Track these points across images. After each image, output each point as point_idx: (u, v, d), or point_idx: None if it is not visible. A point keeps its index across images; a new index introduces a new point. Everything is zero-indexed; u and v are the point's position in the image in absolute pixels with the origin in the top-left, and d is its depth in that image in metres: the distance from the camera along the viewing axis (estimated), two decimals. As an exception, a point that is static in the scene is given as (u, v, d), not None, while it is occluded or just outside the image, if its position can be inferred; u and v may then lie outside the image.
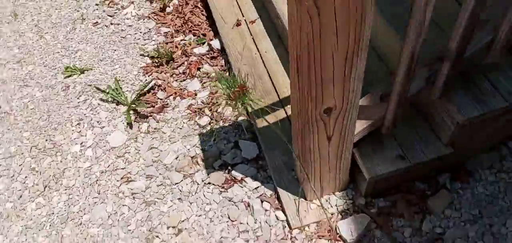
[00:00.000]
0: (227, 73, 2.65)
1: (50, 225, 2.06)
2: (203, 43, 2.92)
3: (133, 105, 2.49)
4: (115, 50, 2.92)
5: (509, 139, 2.05)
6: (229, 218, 1.95)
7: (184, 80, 2.67)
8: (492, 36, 1.81)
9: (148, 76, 2.72)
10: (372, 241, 1.81)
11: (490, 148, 2.03)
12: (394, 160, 1.87)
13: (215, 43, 2.87)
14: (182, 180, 2.12)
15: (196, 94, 2.56)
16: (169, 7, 3.25)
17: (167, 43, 2.94)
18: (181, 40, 2.97)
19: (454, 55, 1.66)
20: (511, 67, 1.85)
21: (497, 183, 1.93)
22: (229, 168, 2.14)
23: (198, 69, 2.75)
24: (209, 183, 2.09)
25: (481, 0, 1.47)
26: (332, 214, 1.88)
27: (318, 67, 1.34)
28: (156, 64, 2.80)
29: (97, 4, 3.31)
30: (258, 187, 2.04)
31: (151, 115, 2.46)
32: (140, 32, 3.04)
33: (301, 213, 1.91)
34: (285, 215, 1.93)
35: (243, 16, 2.93)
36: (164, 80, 2.68)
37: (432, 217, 1.85)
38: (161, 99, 2.56)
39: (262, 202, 1.98)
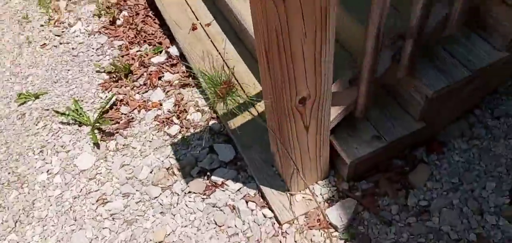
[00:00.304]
0: (190, 79, 2.62)
1: (25, 262, 1.96)
2: (160, 52, 2.88)
3: (97, 124, 2.42)
4: (68, 70, 2.82)
5: (475, 107, 2.17)
6: (216, 224, 1.94)
7: (146, 91, 2.62)
8: (448, 10, 1.91)
9: (108, 92, 2.65)
10: (361, 223, 1.86)
11: (458, 117, 2.13)
12: (371, 141, 1.93)
13: (173, 50, 2.84)
14: (161, 193, 2.08)
15: (161, 104, 2.52)
16: (119, 19, 3.18)
17: (122, 56, 2.88)
18: (137, 51, 2.91)
19: (416, 31, 1.74)
20: (467, 38, 1.96)
21: (470, 149, 2.03)
22: (208, 173, 2.13)
23: (159, 78, 2.71)
24: (189, 192, 2.07)
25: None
26: (319, 203, 1.91)
27: (289, 59, 1.36)
28: (114, 79, 2.73)
29: (42, 25, 3.18)
30: (241, 188, 2.04)
31: (117, 132, 2.40)
32: (93, 48, 2.95)
33: (287, 207, 1.93)
34: (272, 211, 1.94)
35: (197, 20, 2.92)
36: (126, 94, 2.62)
37: (415, 191, 1.93)
38: (125, 114, 2.50)
39: (247, 202, 1.99)
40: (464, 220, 1.81)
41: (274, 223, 1.92)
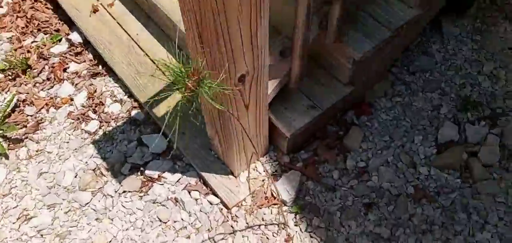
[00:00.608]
0: (100, 67, 2.42)
1: None
2: (60, 40, 2.63)
3: (0, 132, 2.13)
4: (-51, 73, 2.44)
5: (392, 66, 2.31)
6: (160, 220, 1.86)
7: (51, 87, 2.39)
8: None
9: (6, 93, 2.35)
10: (307, 193, 1.91)
11: (379, 78, 2.24)
12: (306, 111, 1.97)
13: (75, 37, 2.60)
14: (92, 198, 1.94)
15: (72, 99, 2.32)
16: (2, 7, 2.81)
17: (16, 50, 2.57)
18: (32, 42, 2.62)
19: (343, -6, 1.77)
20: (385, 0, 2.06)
21: (395, 107, 2.18)
22: (141, 168, 2.03)
23: (65, 70, 2.47)
24: (124, 192, 1.95)
25: None
26: (263, 181, 1.91)
27: (226, 36, 1.34)
28: (10, 77, 2.44)
29: None
30: (180, 178, 1.98)
31: (26, 137, 2.16)
32: (-25, 45, 2.59)
33: (233, 190, 1.90)
34: (218, 197, 1.92)
35: (97, 0, 2.68)
36: (28, 93, 2.35)
37: (352, 154, 2.03)
38: (31, 115, 2.26)
39: (189, 192, 1.94)
40: (401, 175, 1.95)
41: (222, 209, 1.89)
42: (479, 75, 2.26)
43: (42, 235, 1.85)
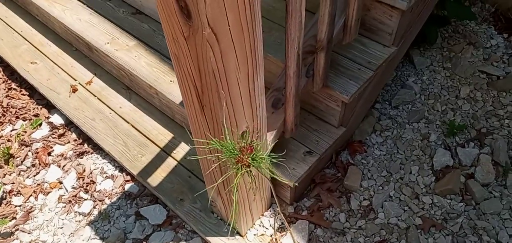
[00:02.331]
0: (86, 145, 2.29)
1: None
2: (40, 125, 2.49)
3: (-12, 228, 1.95)
4: None
5: (375, 103, 2.30)
6: None
7: (37, 173, 2.23)
8: (344, 18, 1.98)
9: (-11, 186, 2.18)
10: (317, 241, 1.81)
11: (365, 116, 2.22)
12: (304, 158, 1.91)
13: (56, 119, 2.48)
14: (96, 283, 1.75)
15: (61, 182, 2.17)
16: (-24, 99, 2.66)
17: (-5, 141, 2.40)
18: (12, 130, 2.47)
19: (326, 43, 1.76)
20: (360, 43, 2.07)
21: (386, 141, 2.14)
22: None
23: (49, 154, 2.32)
24: (129, 270, 1.78)
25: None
26: (271, 236, 1.80)
27: (227, 95, 1.27)
28: (-7, 170, 2.26)
29: None
30: (185, 246, 1.82)
31: (17, 229, 1.98)
32: (-48, 141, 2.41)
33: (242, 250, 1.79)
34: (227, 260, 1.76)
35: (75, 80, 2.59)
36: (14, 183, 2.19)
37: (355, 194, 1.96)
38: (19, 205, 2.08)
39: (197, 260, 1.78)
40: (406, 207, 1.89)
41: (233, 272, 1.75)
42: (457, 99, 2.27)
43: None
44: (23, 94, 2.73)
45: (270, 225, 1.86)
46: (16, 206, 2.10)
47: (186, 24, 1.05)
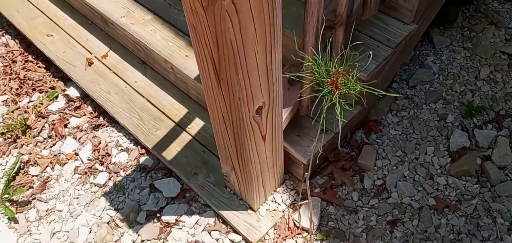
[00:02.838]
0: (102, 119, 2.32)
1: None
2: (57, 97, 2.53)
3: (6, 196, 2.02)
4: None
5: (392, 82, 2.29)
6: (184, 266, 1.72)
7: (54, 144, 2.27)
8: (364, -6, 1.96)
9: (8, 156, 2.23)
10: (330, 218, 1.83)
11: (381, 95, 2.20)
12: (319, 136, 1.90)
13: (72, 92, 2.51)
14: (110, 252, 1.79)
15: (77, 154, 2.21)
16: (-6, 71, 2.70)
17: (12, 112, 2.45)
18: (29, 102, 2.51)
19: (345, 18, 1.75)
20: (380, 20, 2.05)
21: (402, 121, 2.13)
22: (158, 215, 1.91)
23: (65, 126, 2.37)
24: (142, 241, 1.83)
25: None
26: (283, 212, 1.82)
27: (245, 68, 1.28)
28: (11, 140, 2.31)
29: None
30: (198, 220, 1.87)
31: (34, 198, 2.04)
32: (-29, 112, 2.46)
33: (255, 225, 1.81)
34: (240, 234, 1.81)
35: (91, 53, 2.61)
36: (31, 153, 2.24)
37: (368, 173, 1.96)
38: (37, 175, 2.13)
39: (209, 233, 1.83)
40: (420, 188, 1.89)
41: (245, 245, 1.78)
42: (477, 80, 2.24)
43: None
44: (39, 66, 2.77)
45: (283, 201, 1.88)
46: (33, 176, 2.15)
47: (205, -6, 1.06)
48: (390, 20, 2.04)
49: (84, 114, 2.43)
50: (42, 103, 2.52)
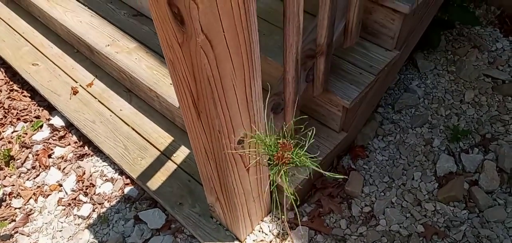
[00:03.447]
0: (87, 148, 2.27)
1: None
2: (41, 127, 2.47)
3: (-13, 231, 1.95)
4: None
5: (377, 107, 2.27)
6: None
7: (37, 175, 2.22)
8: (345, 21, 1.95)
9: (-11, 188, 2.17)
10: (318, 248, 1.78)
11: (367, 120, 2.19)
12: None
13: (57, 121, 2.47)
14: (93, 288, 1.73)
15: (61, 185, 2.15)
16: (-22, 101, 2.66)
17: (-4, 143, 2.40)
18: (13, 132, 2.47)
19: (326, 48, 1.74)
20: (362, 46, 2.04)
21: (388, 146, 2.11)
22: (142, 247, 1.84)
23: (49, 156, 2.31)
24: (126, 275, 1.76)
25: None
26: (270, 242, 1.78)
27: (223, 101, 1.25)
28: (-7, 171, 2.26)
29: None
30: (184, 252, 1.80)
31: (16, 232, 1.97)
32: (-47, 143, 2.41)
33: (241, 256, 1.77)
34: (226, 266, 1.74)
35: (76, 82, 2.58)
36: (14, 185, 2.19)
37: (356, 200, 1.93)
38: (19, 208, 2.07)
39: (195, 265, 1.76)
40: (408, 214, 1.86)
41: (232, 278, 1.73)
42: (462, 104, 2.23)
43: None
44: (24, 96, 2.73)
45: (270, 231, 1.84)
46: (15, 209, 2.09)
47: (180, 30, 1.03)
48: (373, 46, 2.03)
49: (69, 144, 2.39)
50: (26, 133, 2.47)
